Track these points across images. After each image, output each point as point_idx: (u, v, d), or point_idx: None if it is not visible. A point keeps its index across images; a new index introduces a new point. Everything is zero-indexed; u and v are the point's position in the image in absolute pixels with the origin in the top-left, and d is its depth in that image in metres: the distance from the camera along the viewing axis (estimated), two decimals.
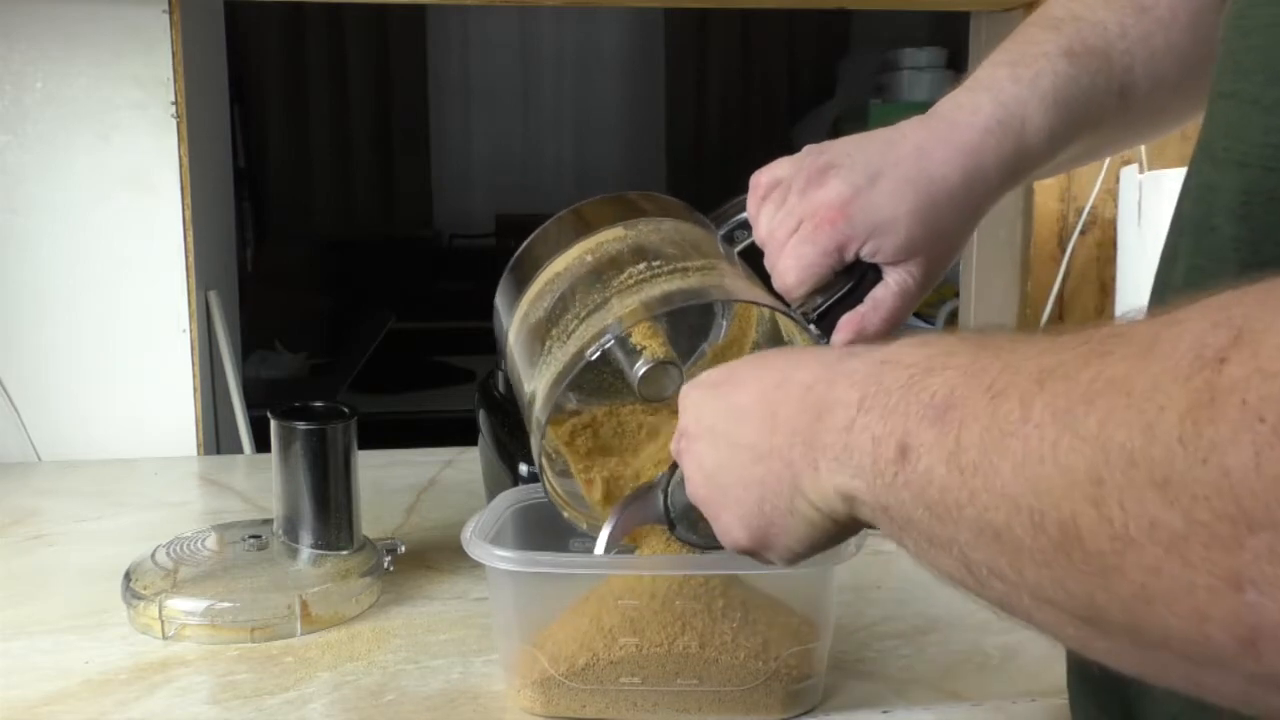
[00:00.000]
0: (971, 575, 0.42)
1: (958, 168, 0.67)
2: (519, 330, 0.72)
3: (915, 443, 0.42)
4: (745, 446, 0.52)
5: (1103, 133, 0.70)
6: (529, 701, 0.75)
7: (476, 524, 0.77)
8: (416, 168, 4.30)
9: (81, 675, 0.79)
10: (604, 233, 0.71)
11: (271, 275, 3.45)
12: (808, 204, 0.68)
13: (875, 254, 0.68)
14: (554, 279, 0.71)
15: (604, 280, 0.68)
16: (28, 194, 1.32)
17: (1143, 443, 0.34)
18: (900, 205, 0.67)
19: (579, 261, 0.70)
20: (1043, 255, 1.42)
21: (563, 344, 0.67)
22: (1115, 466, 0.35)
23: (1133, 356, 0.36)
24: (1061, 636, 0.40)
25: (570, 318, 0.68)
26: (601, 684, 0.73)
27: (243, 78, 3.66)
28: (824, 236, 0.67)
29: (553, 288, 0.70)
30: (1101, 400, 0.36)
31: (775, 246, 0.70)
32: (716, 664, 0.73)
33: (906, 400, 0.43)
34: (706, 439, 0.55)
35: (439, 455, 1.32)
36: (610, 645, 0.72)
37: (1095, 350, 0.37)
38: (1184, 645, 0.34)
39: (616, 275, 0.68)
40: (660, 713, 0.74)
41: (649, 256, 0.68)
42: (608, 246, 0.70)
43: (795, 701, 0.75)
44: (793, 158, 0.71)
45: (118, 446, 1.35)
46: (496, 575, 0.74)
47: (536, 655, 0.74)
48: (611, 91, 4.42)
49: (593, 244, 0.70)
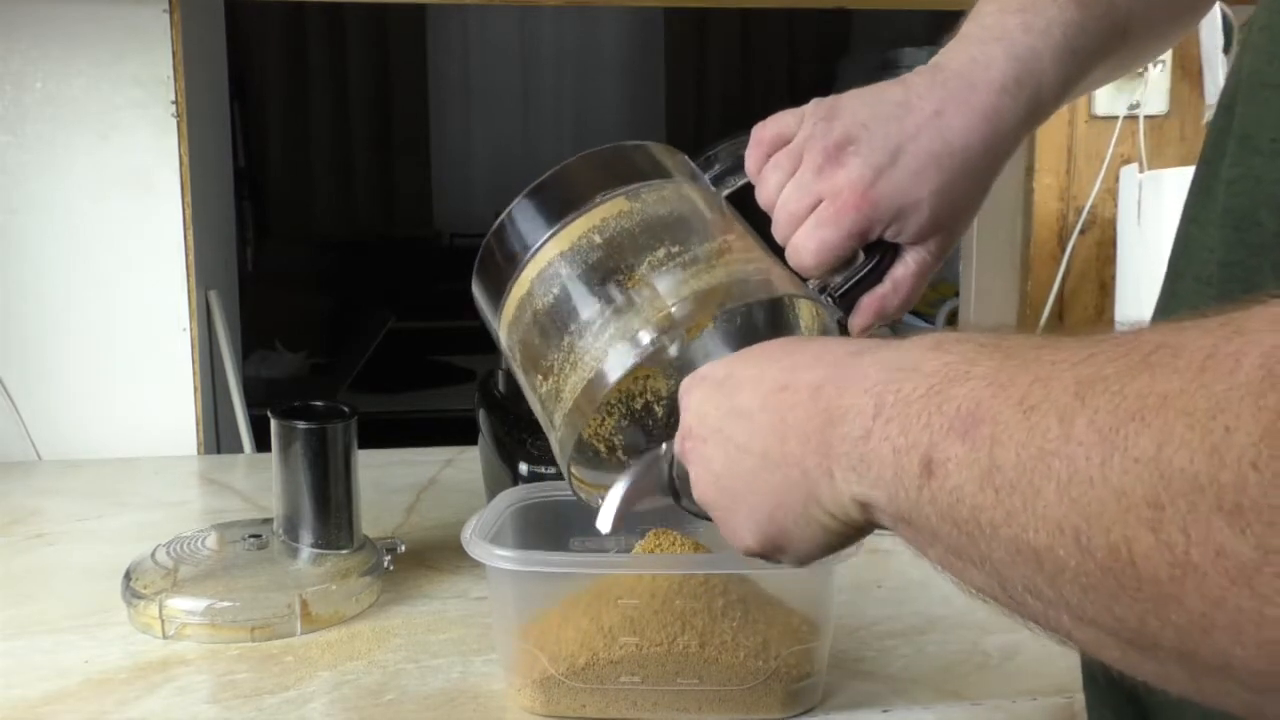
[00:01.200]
0: (1004, 591, 0.40)
1: (979, 136, 0.65)
2: (516, 323, 0.67)
3: (942, 457, 0.40)
4: (756, 453, 0.50)
5: (1104, 71, 0.69)
6: (529, 701, 0.75)
7: (476, 523, 0.76)
8: (416, 168, 4.30)
9: (81, 674, 0.79)
10: (604, 208, 0.66)
11: (271, 275, 3.45)
12: (827, 184, 0.66)
13: (898, 235, 0.66)
14: (555, 260, 0.65)
15: (624, 277, 0.63)
16: (28, 194, 1.32)
17: (1208, 466, 0.32)
18: (924, 186, 0.65)
19: (586, 242, 0.65)
20: (1043, 255, 1.42)
21: (592, 339, 0.62)
22: (1177, 491, 0.32)
23: (1187, 370, 0.33)
24: (1104, 656, 0.38)
25: (596, 330, 0.63)
26: (601, 683, 0.73)
27: (243, 78, 3.66)
28: (847, 220, 0.65)
29: (558, 271, 0.65)
30: (1155, 418, 0.33)
31: (789, 221, 0.67)
32: (716, 663, 0.73)
33: (929, 411, 0.41)
34: (714, 441, 0.54)
35: (439, 455, 1.32)
36: (610, 644, 0.72)
37: (1141, 362, 0.35)
38: (1248, 675, 0.33)
39: (635, 264, 0.63)
40: (660, 712, 0.74)
41: (665, 238, 0.64)
42: (613, 224, 0.65)
43: (795, 701, 0.75)
44: (797, 113, 0.69)
45: (118, 446, 1.35)
46: (496, 574, 0.74)
47: (536, 654, 0.74)
48: (611, 92, 4.42)
49: (597, 220, 0.65)
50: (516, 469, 0.96)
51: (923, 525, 0.42)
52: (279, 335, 3.29)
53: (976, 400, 0.40)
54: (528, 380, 0.67)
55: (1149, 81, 1.39)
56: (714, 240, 0.65)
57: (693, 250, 0.64)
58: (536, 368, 0.65)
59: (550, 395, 0.64)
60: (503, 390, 1.08)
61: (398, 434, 1.52)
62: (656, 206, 0.66)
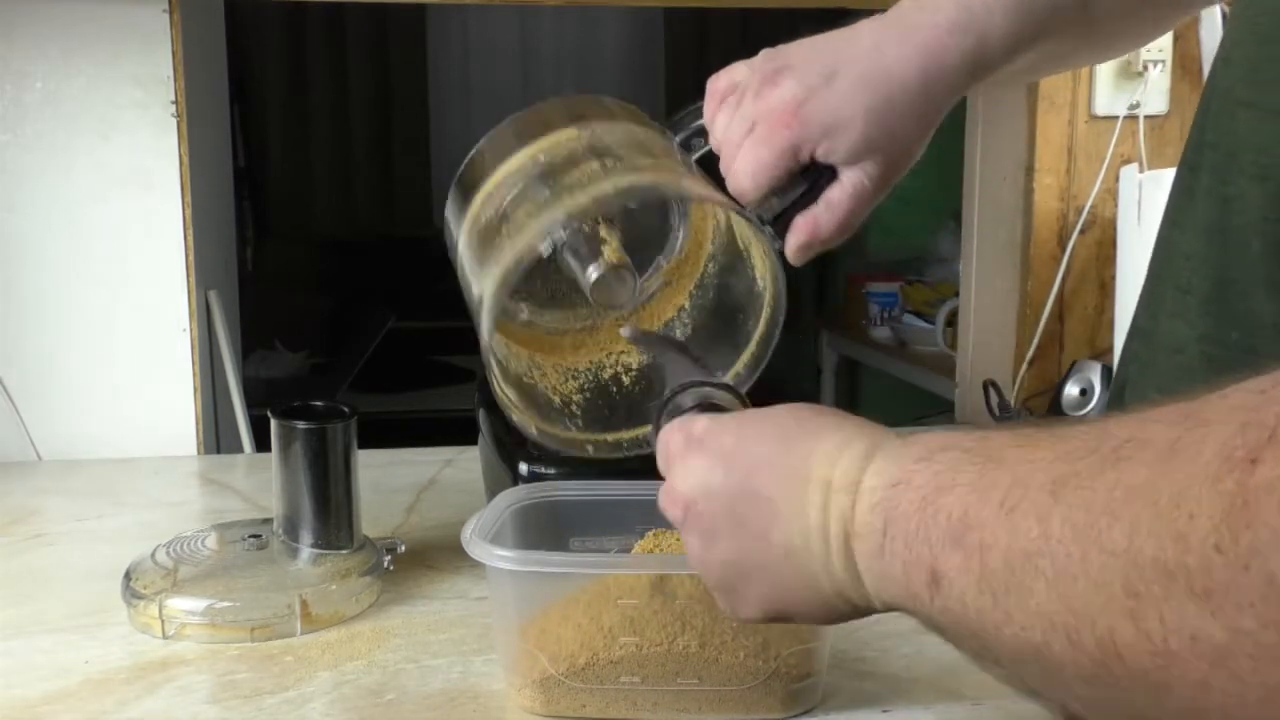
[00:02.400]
0: (1025, 685, 0.42)
1: (916, 66, 0.65)
2: (469, 234, 0.70)
3: (944, 569, 0.42)
4: (778, 546, 0.51)
5: (1064, 42, 0.69)
6: (529, 701, 0.75)
7: (476, 523, 0.77)
8: (416, 168, 4.29)
9: (81, 674, 0.79)
10: (557, 134, 0.69)
11: (271, 275, 3.45)
12: (762, 104, 0.67)
13: (830, 154, 0.66)
14: (505, 179, 0.68)
15: (556, 178, 0.66)
16: (28, 194, 1.32)
17: (1176, 553, 0.32)
18: (855, 104, 0.65)
19: (531, 161, 0.68)
20: (1043, 255, 1.42)
21: (512, 240, 0.65)
22: (1150, 579, 0.33)
23: (1153, 462, 0.34)
24: None
25: (521, 214, 0.66)
26: (601, 683, 0.73)
27: (243, 78, 3.65)
28: (778, 138, 0.66)
29: (503, 189, 0.68)
30: (1125, 510, 0.34)
31: (730, 150, 0.68)
32: (716, 663, 0.73)
33: (925, 525, 0.43)
34: (723, 520, 0.53)
35: (439, 455, 1.32)
36: (610, 644, 0.72)
37: (1110, 456, 0.36)
38: None
39: (570, 171, 0.66)
40: (660, 712, 0.74)
41: (603, 155, 0.66)
42: (561, 146, 0.68)
43: (795, 701, 0.75)
44: (749, 61, 0.70)
45: (118, 446, 1.35)
46: (496, 574, 0.74)
47: (536, 654, 0.74)
48: (611, 92, 4.39)
49: (546, 144, 0.68)
50: (516, 469, 0.96)
51: (946, 632, 0.45)
52: (279, 335, 3.29)
53: (964, 508, 0.41)
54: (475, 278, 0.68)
55: (1149, 81, 1.39)
56: (652, 160, 0.67)
57: (628, 163, 0.66)
58: (482, 263, 0.67)
59: (478, 303, 0.66)
60: None
61: (398, 434, 1.52)
62: (603, 134, 0.69)
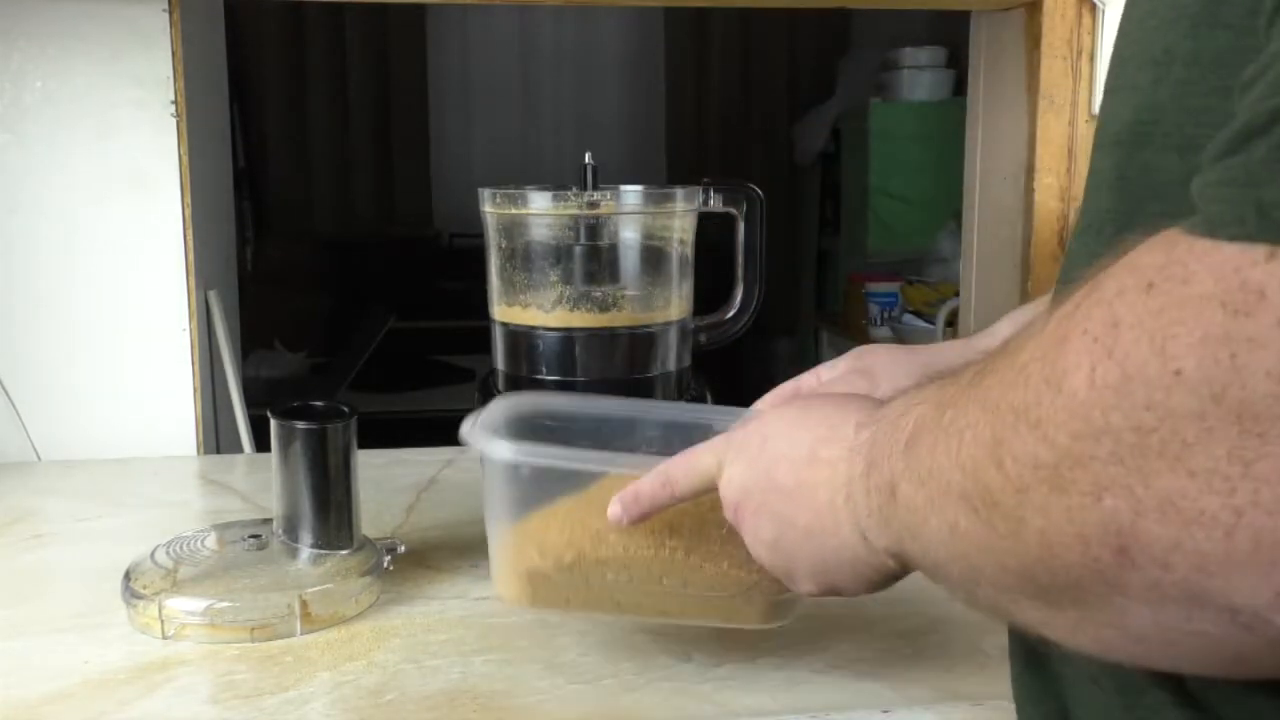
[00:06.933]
0: (965, 591, 0.45)
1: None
2: None
3: (897, 478, 0.48)
4: (801, 527, 0.58)
5: None
6: (515, 592, 0.75)
7: (478, 420, 0.76)
8: (416, 168, 4.29)
9: (81, 675, 0.79)
10: None
11: (271, 275, 3.45)
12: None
13: None
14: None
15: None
16: (28, 193, 1.32)
17: (1021, 394, 0.38)
18: None
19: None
20: (1043, 254, 1.42)
21: None
22: (1005, 422, 0.38)
23: (1027, 337, 0.40)
24: (1032, 625, 0.42)
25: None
26: (587, 579, 0.73)
27: (243, 77, 3.66)
28: None
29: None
30: (995, 376, 0.40)
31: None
32: (701, 570, 0.73)
33: (889, 449, 0.49)
34: (762, 514, 0.61)
35: (439, 455, 1.32)
36: (598, 544, 0.72)
37: (1011, 345, 0.41)
38: (1088, 592, 0.37)
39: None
40: (642, 611, 0.75)
41: None
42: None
43: (775, 613, 0.75)
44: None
45: (118, 446, 1.35)
46: (494, 468, 0.74)
47: (525, 546, 0.74)
48: (611, 91, 4.41)
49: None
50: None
51: (913, 557, 0.50)
52: (279, 335, 3.29)
53: (918, 420, 0.47)
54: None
55: None
56: None
57: None
58: None
59: None
60: (502, 390, 1.07)
61: (398, 434, 1.52)
62: None
